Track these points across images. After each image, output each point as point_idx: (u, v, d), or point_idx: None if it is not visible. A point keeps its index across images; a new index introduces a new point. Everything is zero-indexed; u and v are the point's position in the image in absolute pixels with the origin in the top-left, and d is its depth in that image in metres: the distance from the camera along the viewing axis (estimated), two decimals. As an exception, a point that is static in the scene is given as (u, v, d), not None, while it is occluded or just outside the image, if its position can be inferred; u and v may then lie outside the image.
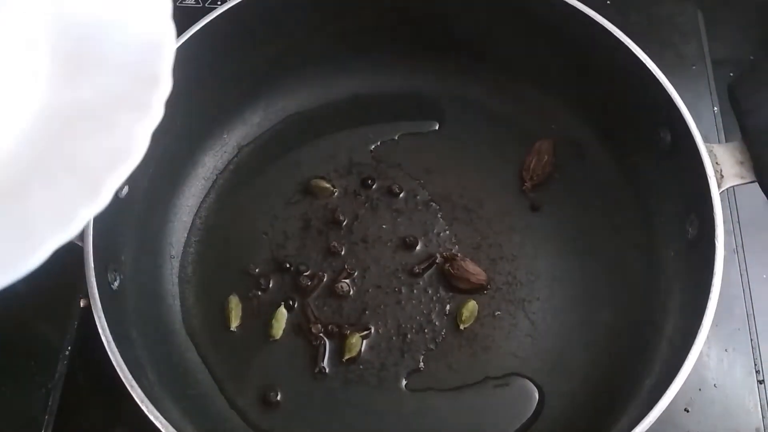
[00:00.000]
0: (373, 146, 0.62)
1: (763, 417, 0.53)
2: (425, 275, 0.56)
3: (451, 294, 0.56)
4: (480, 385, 0.53)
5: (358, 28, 0.61)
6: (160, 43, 0.35)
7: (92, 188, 0.31)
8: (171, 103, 0.55)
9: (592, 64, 0.57)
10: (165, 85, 0.35)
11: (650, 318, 0.53)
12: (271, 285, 0.56)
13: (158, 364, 0.50)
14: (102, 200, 0.31)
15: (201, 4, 0.69)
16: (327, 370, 0.53)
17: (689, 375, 0.44)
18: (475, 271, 0.55)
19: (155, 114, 0.34)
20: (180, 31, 0.54)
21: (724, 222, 0.47)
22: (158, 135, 0.56)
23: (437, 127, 0.63)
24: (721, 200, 0.48)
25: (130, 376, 0.44)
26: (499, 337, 0.55)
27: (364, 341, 0.54)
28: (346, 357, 0.53)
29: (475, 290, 0.56)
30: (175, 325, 0.55)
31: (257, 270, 0.56)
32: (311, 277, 0.56)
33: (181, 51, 0.52)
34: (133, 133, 0.33)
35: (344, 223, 0.58)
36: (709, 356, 0.55)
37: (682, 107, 0.50)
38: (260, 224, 0.59)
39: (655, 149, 0.54)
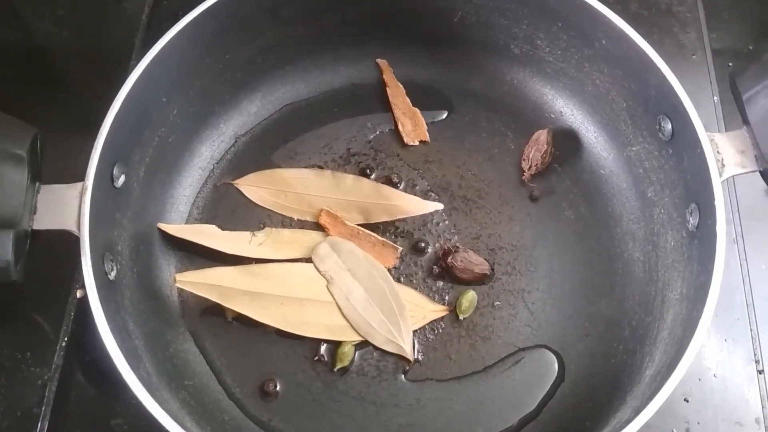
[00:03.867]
0: (371, 136, 0.62)
1: (762, 407, 0.53)
2: (424, 265, 0.56)
3: (450, 284, 0.56)
4: (479, 375, 0.53)
5: (356, 17, 0.60)
6: None
7: None
8: (167, 93, 0.55)
9: (591, 53, 0.57)
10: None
11: (650, 308, 0.53)
12: (268, 275, 0.55)
13: (156, 355, 0.50)
14: None
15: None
16: (326, 359, 0.53)
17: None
18: (478, 261, 0.55)
19: None
20: (176, 20, 0.53)
21: (724, 211, 0.47)
22: (154, 125, 0.56)
23: (443, 117, 0.62)
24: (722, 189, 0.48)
25: (127, 367, 0.43)
26: (499, 327, 0.54)
27: (357, 351, 0.54)
28: (338, 367, 0.53)
29: (477, 280, 0.55)
30: (173, 315, 0.55)
31: (254, 260, 0.56)
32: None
33: (176, 39, 0.53)
34: None
35: (342, 213, 0.58)
36: (708, 346, 0.55)
37: (683, 96, 0.50)
38: (258, 214, 0.58)
39: (656, 138, 0.54)
